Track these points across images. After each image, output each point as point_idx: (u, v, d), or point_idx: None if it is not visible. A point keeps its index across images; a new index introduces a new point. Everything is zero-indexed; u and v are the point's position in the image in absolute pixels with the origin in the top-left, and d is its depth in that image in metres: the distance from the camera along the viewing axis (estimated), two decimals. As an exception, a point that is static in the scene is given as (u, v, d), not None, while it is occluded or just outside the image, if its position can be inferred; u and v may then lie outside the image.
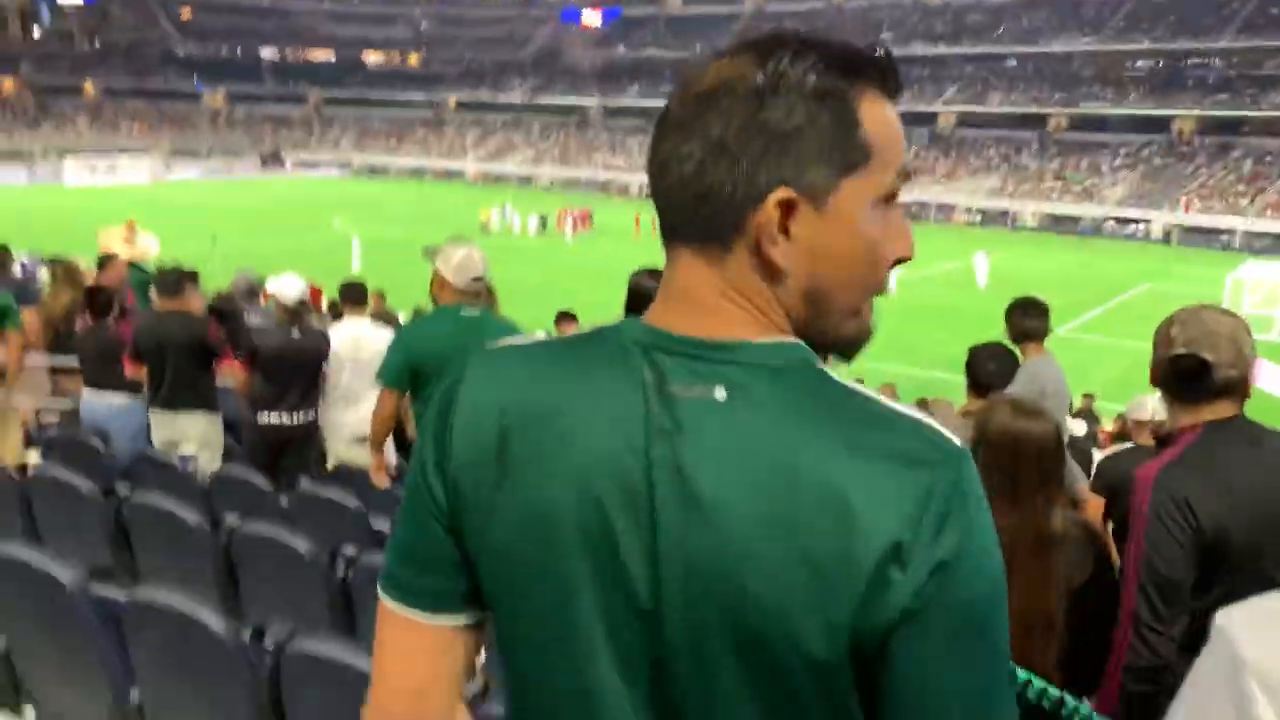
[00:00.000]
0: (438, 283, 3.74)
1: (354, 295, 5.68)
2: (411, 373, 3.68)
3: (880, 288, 0.83)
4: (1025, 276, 26.41)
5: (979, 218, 48.36)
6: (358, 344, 5.48)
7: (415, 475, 0.86)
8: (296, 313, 5.24)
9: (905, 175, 0.81)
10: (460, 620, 0.87)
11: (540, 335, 0.90)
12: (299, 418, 5.23)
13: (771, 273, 0.79)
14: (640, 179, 59.99)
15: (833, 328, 0.82)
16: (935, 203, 49.07)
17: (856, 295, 0.82)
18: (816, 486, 0.70)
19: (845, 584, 0.69)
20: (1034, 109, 55.69)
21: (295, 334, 5.20)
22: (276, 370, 5.16)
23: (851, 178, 0.77)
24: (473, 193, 52.10)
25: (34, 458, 4.54)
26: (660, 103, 0.84)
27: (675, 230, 0.82)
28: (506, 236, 36.58)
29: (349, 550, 3.32)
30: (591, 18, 75.51)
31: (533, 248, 33.75)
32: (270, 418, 5.21)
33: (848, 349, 0.85)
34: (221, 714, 2.36)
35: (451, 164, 64.80)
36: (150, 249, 7.34)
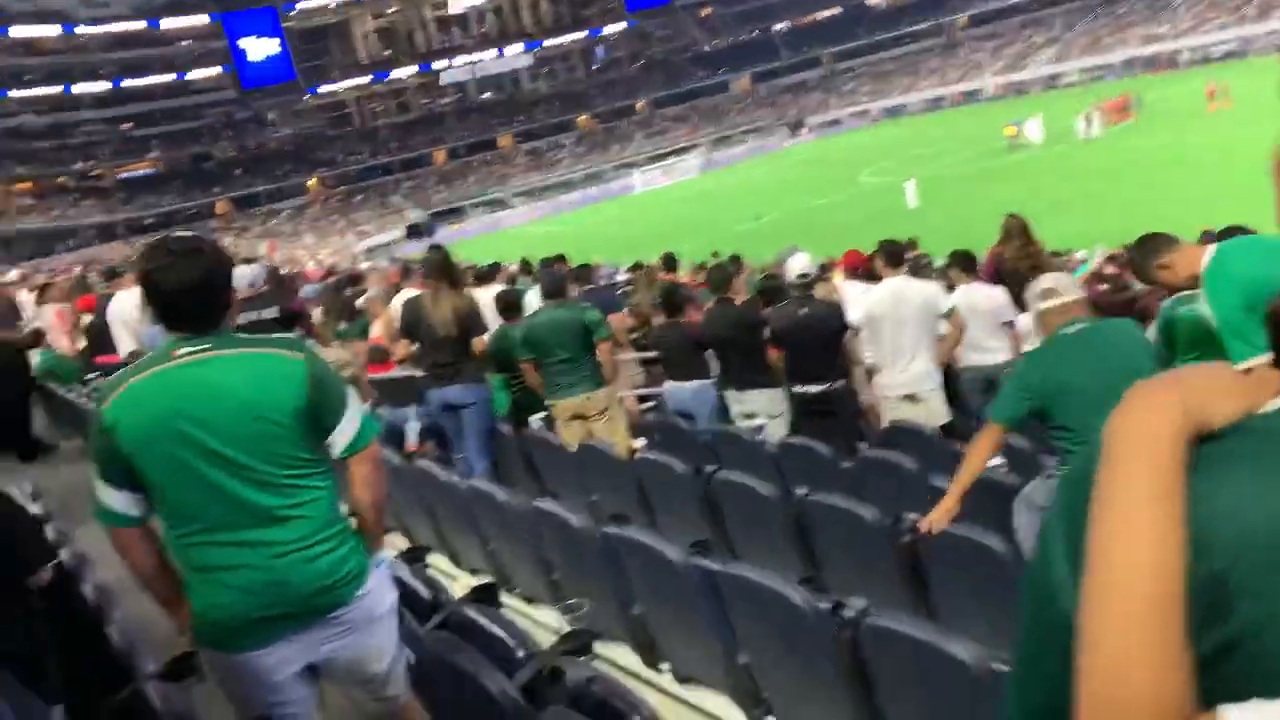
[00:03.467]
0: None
1: (891, 257, 5.71)
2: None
3: None
4: None
5: None
6: (897, 301, 5.52)
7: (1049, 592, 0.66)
8: (803, 288, 5.55)
9: None
10: None
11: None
12: (824, 387, 5.47)
13: None
14: (1193, 43, 51.05)
15: None
16: None
17: None
18: None
19: None
20: None
21: (803, 310, 5.46)
22: (791, 345, 5.50)
23: None
24: (994, 110, 48.89)
25: (639, 443, 5.37)
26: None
27: None
28: (1032, 149, 33.63)
29: (912, 516, 3.37)
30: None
31: (1059, 155, 30.63)
32: (798, 388, 5.57)
33: None
34: (813, 677, 2.58)
35: (969, 85, 61.51)
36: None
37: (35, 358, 7.17)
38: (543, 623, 3.73)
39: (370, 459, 2.24)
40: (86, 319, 8.20)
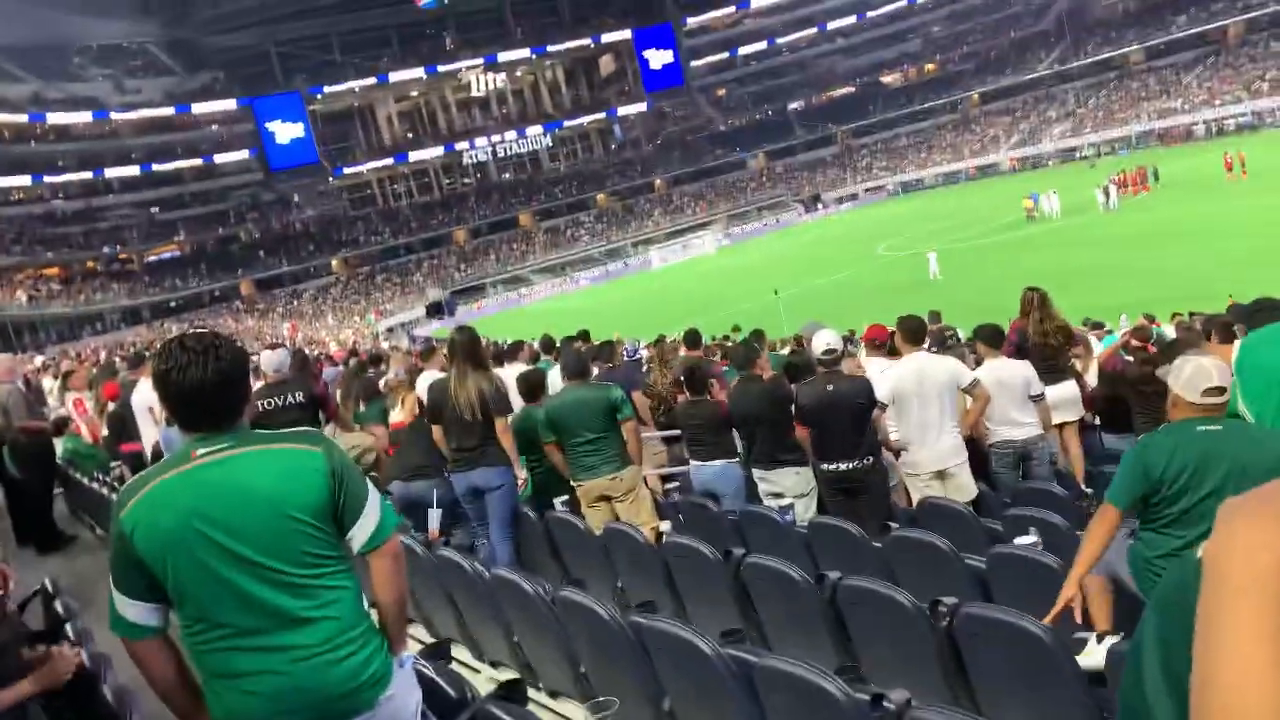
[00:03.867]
0: (1170, 400, 3.28)
1: (910, 334, 5.68)
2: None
3: None
4: None
5: None
6: (922, 378, 5.47)
7: None
8: (829, 363, 5.51)
9: None
10: None
11: None
12: (853, 464, 5.36)
13: None
14: (1206, 116, 51.59)
15: None
16: None
17: None
18: None
19: None
20: None
21: (830, 386, 5.39)
22: (819, 422, 5.41)
23: None
24: (1010, 183, 49.38)
25: (665, 525, 5.28)
26: (1214, 25, 0.53)
27: None
28: (1048, 222, 33.94)
29: (949, 600, 3.26)
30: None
31: (1079, 226, 30.75)
32: (827, 465, 5.45)
33: None
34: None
35: (984, 160, 62.27)
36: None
37: (59, 446, 7.19)
38: None
39: (391, 553, 2.17)
40: (111, 406, 8.23)
